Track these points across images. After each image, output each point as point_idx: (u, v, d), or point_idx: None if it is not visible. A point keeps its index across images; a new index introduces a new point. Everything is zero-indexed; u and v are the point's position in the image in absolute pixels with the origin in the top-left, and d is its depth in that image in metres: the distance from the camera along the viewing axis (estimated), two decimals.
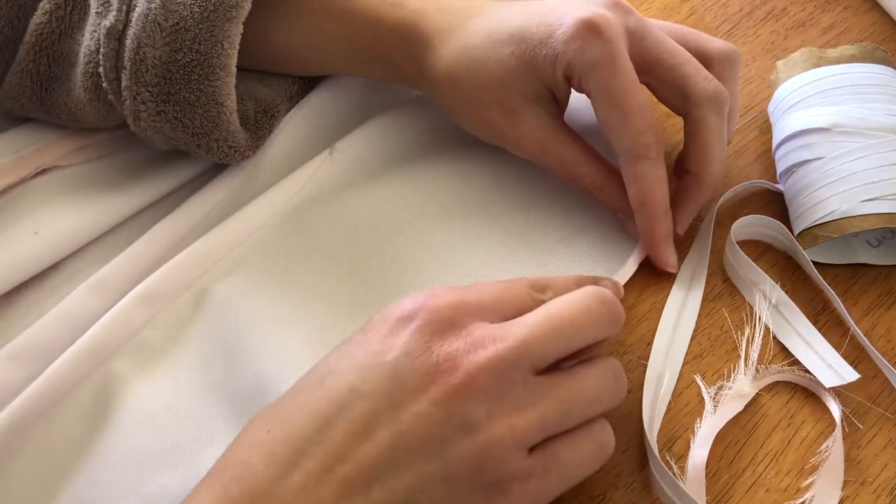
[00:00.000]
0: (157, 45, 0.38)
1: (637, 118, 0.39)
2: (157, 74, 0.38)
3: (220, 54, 0.38)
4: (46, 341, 0.37)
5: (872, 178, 0.40)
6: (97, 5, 0.39)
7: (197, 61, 0.38)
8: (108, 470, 0.35)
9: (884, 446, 0.38)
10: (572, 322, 0.33)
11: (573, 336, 0.33)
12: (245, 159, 0.43)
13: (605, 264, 0.43)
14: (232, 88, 0.39)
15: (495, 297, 0.34)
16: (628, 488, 0.36)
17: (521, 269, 0.42)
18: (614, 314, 0.34)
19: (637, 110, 0.39)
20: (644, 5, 0.55)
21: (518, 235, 0.43)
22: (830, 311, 0.42)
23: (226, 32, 0.38)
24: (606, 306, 0.34)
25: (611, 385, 0.34)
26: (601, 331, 0.34)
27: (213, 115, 0.39)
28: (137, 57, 0.38)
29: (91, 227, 0.41)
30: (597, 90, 0.39)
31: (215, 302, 0.40)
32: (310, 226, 0.44)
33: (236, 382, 0.38)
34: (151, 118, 0.39)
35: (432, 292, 0.33)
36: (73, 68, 0.41)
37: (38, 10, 0.40)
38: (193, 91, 0.38)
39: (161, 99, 0.39)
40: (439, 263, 0.43)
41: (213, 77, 0.38)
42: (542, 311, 0.33)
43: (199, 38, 0.38)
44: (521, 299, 0.34)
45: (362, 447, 0.30)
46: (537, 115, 0.41)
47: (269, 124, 0.44)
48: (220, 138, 0.40)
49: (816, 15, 0.55)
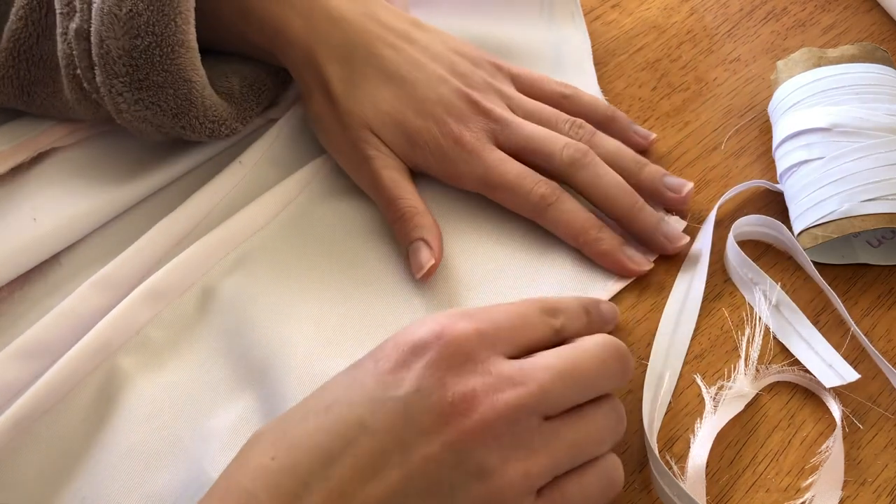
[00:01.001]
0: (117, 35, 0.38)
1: (519, 187, 0.42)
2: (125, 64, 0.38)
3: (175, 31, 0.38)
4: (51, 339, 0.37)
5: (872, 178, 0.40)
6: (61, 6, 0.39)
7: (155, 43, 0.38)
8: (111, 467, 0.36)
9: (884, 446, 0.38)
10: (589, 373, 0.33)
11: (588, 387, 0.33)
12: (234, 133, 0.43)
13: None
14: (196, 63, 0.40)
15: (510, 327, 0.33)
16: (628, 488, 0.36)
17: (518, 272, 0.42)
18: (627, 369, 0.34)
19: (516, 182, 0.42)
20: (644, 5, 0.55)
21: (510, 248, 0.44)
22: (830, 311, 0.42)
23: (176, 9, 0.38)
24: (621, 362, 0.34)
25: (615, 424, 0.34)
26: (613, 383, 0.34)
27: (184, 93, 0.39)
28: (103, 51, 0.38)
29: (90, 214, 0.41)
30: (477, 184, 0.43)
31: (219, 299, 0.40)
32: (313, 224, 0.44)
33: (239, 380, 0.38)
34: (131, 108, 0.40)
35: (447, 319, 0.32)
36: (56, 71, 0.41)
37: (10, 16, 0.41)
38: (160, 73, 0.39)
39: (134, 87, 0.39)
40: (451, 244, 0.43)
41: (175, 55, 0.38)
42: (560, 358, 0.33)
43: (152, 21, 0.38)
44: (535, 327, 0.34)
45: (368, 486, 0.29)
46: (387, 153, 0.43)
47: (255, 98, 0.44)
48: (199, 115, 0.41)
49: (816, 15, 0.55)
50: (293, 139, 0.46)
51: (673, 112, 0.50)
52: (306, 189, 0.45)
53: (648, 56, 0.53)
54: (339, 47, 0.43)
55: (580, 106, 0.46)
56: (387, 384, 0.30)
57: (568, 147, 0.42)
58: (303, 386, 0.37)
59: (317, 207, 0.44)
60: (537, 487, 0.31)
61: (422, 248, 0.41)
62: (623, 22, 0.55)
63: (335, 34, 0.43)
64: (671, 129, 0.49)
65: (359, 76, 0.43)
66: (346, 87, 0.42)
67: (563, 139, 0.43)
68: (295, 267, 0.42)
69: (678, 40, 0.54)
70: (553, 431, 0.31)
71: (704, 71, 0.52)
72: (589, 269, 0.42)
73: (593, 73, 0.51)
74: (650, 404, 0.38)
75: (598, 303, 0.38)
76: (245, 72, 0.45)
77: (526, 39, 0.52)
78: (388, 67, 0.43)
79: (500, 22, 0.53)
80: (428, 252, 0.41)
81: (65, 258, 0.41)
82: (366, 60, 0.43)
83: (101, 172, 0.43)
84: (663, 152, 0.48)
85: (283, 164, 0.45)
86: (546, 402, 0.31)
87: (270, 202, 0.43)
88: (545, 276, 0.42)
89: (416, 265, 0.41)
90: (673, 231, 0.43)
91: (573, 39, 0.53)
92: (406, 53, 0.43)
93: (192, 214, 0.42)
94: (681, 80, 0.51)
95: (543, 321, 0.34)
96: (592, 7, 0.55)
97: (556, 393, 0.31)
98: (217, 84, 0.43)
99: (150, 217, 0.42)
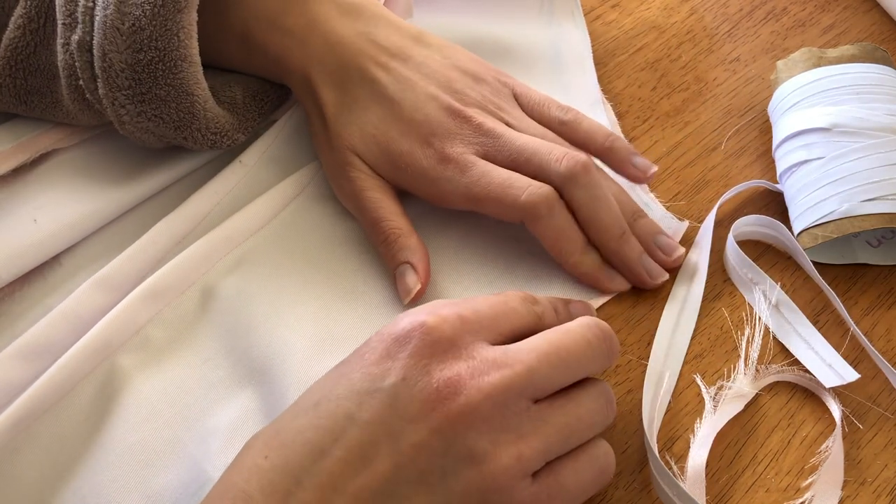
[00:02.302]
0: (120, 49, 0.38)
1: (505, 196, 0.40)
2: (127, 77, 0.38)
3: (178, 46, 0.38)
4: (51, 339, 0.37)
5: (872, 178, 0.40)
6: (63, 17, 0.39)
7: (158, 58, 0.38)
8: (111, 466, 0.36)
9: (884, 446, 0.38)
10: (575, 354, 0.33)
11: (575, 368, 0.33)
12: (236, 143, 0.43)
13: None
14: (199, 77, 0.40)
15: (493, 314, 0.33)
16: (628, 488, 0.36)
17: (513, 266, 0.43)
18: (612, 349, 0.34)
19: (500, 191, 0.40)
20: (644, 5, 0.55)
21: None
22: (830, 311, 0.42)
23: (179, 24, 0.38)
24: (606, 342, 0.34)
25: (604, 407, 0.34)
26: (599, 364, 0.34)
27: (186, 107, 0.40)
28: (105, 64, 0.38)
29: (91, 216, 0.41)
30: (463, 200, 0.41)
31: (219, 299, 0.40)
32: (313, 223, 0.44)
33: (239, 379, 0.38)
34: (134, 120, 0.40)
35: (430, 308, 0.33)
36: (54, 81, 0.41)
37: (10, 25, 0.41)
38: (162, 87, 0.39)
39: (137, 100, 0.39)
40: (440, 263, 0.43)
41: (177, 69, 0.39)
42: (545, 340, 0.33)
43: (155, 35, 0.38)
44: (518, 313, 0.34)
45: (359, 478, 0.29)
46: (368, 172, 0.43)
47: (257, 108, 0.44)
48: (201, 127, 0.41)
49: (816, 15, 0.55)
50: (293, 139, 0.46)
51: (673, 112, 0.50)
52: (306, 189, 0.45)
53: (648, 56, 0.53)
54: (334, 71, 0.43)
55: (578, 133, 0.44)
56: (373, 376, 0.31)
57: (568, 159, 0.40)
58: (302, 385, 0.37)
59: (317, 207, 0.44)
60: (531, 471, 0.31)
61: (408, 272, 0.41)
62: (623, 22, 0.55)
63: (330, 58, 0.43)
64: (671, 129, 0.49)
65: (350, 99, 0.42)
66: (337, 110, 0.42)
67: (561, 149, 0.41)
68: (295, 266, 0.42)
69: (678, 40, 0.54)
70: (543, 414, 0.32)
71: (704, 71, 0.52)
72: (578, 291, 0.42)
73: (593, 72, 0.51)
74: (650, 404, 0.38)
75: (570, 302, 0.39)
76: (248, 82, 0.45)
77: (525, 37, 0.52)
78: (377, 89, 0.42)
79: (499, 20, 0.53)
80: (414, 277, 0.40)
81: (65, 258, 0.41)
82: (358, 83, 0.43)
83: (102, 174, 0.43)
84: (663, 152, 0.48)
85: (283, 163, 0.46)
86: (533, 384, 0.31)
87: (270, 202, 0.43)
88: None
89: (402, 290, 0.41)
90: (653, 266, 0.42)
91: (573, 37, 0.53)
92: (397, 73, 0.43)
93: (192, 214, 0.42)
94: (681, 80, 0.51)
95: (526, 308, 0.35)
96: (592, 7, 0.55)
97: (543, 374, 0.32)
98: (221, 93, 0.43)
99: (151, 218, 0.42)
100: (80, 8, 0.39)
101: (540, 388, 0.32)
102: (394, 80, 0.42)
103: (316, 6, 0.43)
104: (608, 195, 0.41)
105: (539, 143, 0.41)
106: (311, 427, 0.30)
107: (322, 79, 0.43)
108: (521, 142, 0.41)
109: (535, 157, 0.41)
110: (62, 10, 0.39)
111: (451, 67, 0.44)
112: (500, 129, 0.42)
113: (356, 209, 0.43)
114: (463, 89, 0.43)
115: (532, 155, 0.41)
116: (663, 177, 0.47)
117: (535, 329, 0.34)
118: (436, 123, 0.41)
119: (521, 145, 0.41)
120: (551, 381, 0.32)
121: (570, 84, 0.51)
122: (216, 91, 0.43)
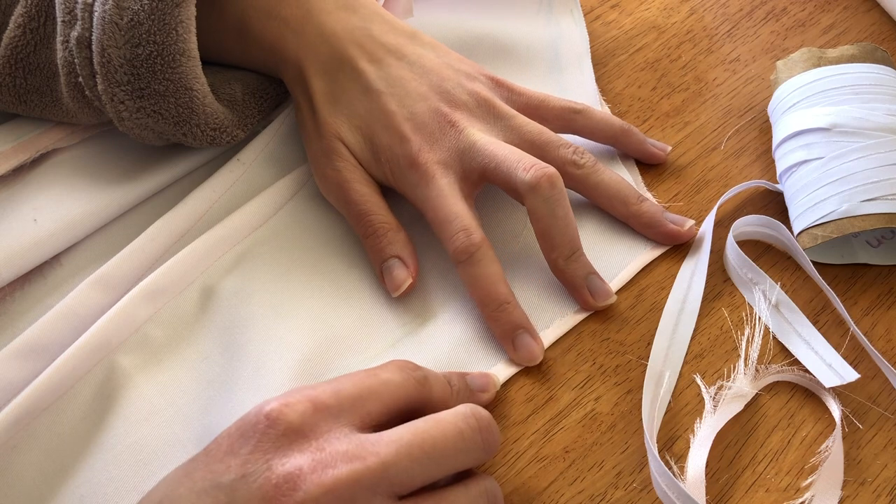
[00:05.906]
0: (118, 44, 0.38)
1: (442, 230, 0.40)
2: (126, 73, 0.38)
3: (176, 40, 0.38)
4: (50, 338, 0.37)
5: (872, 178, 0.40)
6: (62, 14, 0.39)
7: (157, 52, 0.38)
8: (110, 465, 0.35)
9: (884, 446, 0.38)
10: (443, 447, 0.30)
11: (442, 462, 0.30)
12: (235, 140, 0.43)
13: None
14: (198, 71, 0.40)
15: (357, 393, 0.31)
16: (628, 488, 0.36)
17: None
18: (489, 442, 0.32)
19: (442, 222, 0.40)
20: (644, 5, 0.55)
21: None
22: (830, 310, 0.42)
23: (177, 18, 0.38)
24: (481, 433, 0.32)
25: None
26: (473, 458, 0.32)
27: (185, 101, 0.40)
28: (104, 60, 0.38)
29: (91, 216, 0.41)
30: (419, 209, 0.41)
31: (218, 297, 0.41)
32: (311, 221, 0.44)
33: (238, 378, 0.38)
34: (133, 116, 0.40)
35: (285, 397, 0.30)
36: (54, 79, 0.41)
37: (10, 24, 0.41)
38: (161, 82, 0.39)
39: (136, 95, 0.39)
40: (437, 259, 0.43)
41: (176, 64, 0.39)
42: (410, 430, 0.30)
43: (153, 29, 0.38)
44: (392, 385, 0.32)
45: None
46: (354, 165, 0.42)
47: (256, 105, 0.45)
48: (200, 123, 0.41)
49: (816, 15, 0.55)
50: (291, 137, 0.46)
51: (673, 112, 0.50)
52: (304, 187, 0.45)
53: (648, 56, 0.53)
54: (326, 63, 0.43)
55: (593, 122, 0.45)
56: (215, 473, 0.29)
57: (536, 169, 0.39)
58: (301, 384, 0.37)
59: (315, 205, 0.44)
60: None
61: (397, 266, 0.40)
62: (623, 22, 0.55)
63: (323, 48, 0.43)
64: (671, 129, 0.49)
65: (340, 89, 0.43)
66: (326, 99, 0.43)
67: (531, 160, 0.40)
68: (293, 264, 0.42)
69: (678, 40, 0.54)
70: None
71: (704, 71, 0.52)
72: (557, 290, 0.42)
73: (591, 71, 0.51)
74: (650, 404, 0.38)
75: (463, 374, 0.37)
76: (248, 79, 0.45)
77: (524, 36, 0.52)
78: (367, 83, 0.42)
79: (498, 18, 0.53)
80: (404, 271, 0.40)
81: (65, 258, 0.41)
82: (349, 74, 0.43)
83: (101, 173, 0.43)
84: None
85: (281, 161, 0.46)
86: (388, 479, 0.29)
87: (269, 200, 0.44)
88: (515, 291, 0.41)
89: (391, 284, 0.40)
90: (600, 288, 0.41)
91: (572, 36, 0.53)
92: (389, 69, 0.43)
93: (191, 212, 0.42)
94: (680, 81, 0.51)
95: (403, 377, 0.33)
96: (592, 7, 0.55)
97: (402, 468, 0.29)
98: (220, 90, 0.43)
99: (151, 217, 0.42)
100: (79, 5, 0.39)
101: (399, 484, 0.29)
102: (385, 75, 0.43)
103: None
104: (569, 214, 0.40)
105: (510, 152, 0.40)
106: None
107: (314, 68, 0.43)
108: (491, 150, 0.41)
109: (503, 165, 0.40)
110: (62, 7, 0.39)
111: (445, 66, 0.44)
112: (477, 136, 0.41)
113: (341, 201, 0.42)
114: (452, 90, 0.43)
115: (500, 163, 0.40)
116: (663, 177, 0.47)
117: (419, 399, 0.33)
118: (420, 123, 0.42)
119: (491, 154, 0.40)
120: (412, 477, 0.29)
121: (567, 83, 0.51)
122: (216, 88, 0.43)
